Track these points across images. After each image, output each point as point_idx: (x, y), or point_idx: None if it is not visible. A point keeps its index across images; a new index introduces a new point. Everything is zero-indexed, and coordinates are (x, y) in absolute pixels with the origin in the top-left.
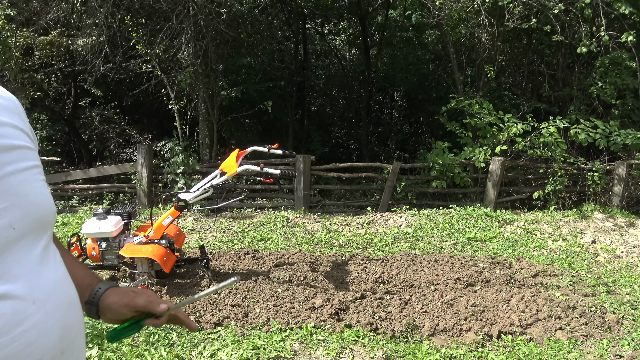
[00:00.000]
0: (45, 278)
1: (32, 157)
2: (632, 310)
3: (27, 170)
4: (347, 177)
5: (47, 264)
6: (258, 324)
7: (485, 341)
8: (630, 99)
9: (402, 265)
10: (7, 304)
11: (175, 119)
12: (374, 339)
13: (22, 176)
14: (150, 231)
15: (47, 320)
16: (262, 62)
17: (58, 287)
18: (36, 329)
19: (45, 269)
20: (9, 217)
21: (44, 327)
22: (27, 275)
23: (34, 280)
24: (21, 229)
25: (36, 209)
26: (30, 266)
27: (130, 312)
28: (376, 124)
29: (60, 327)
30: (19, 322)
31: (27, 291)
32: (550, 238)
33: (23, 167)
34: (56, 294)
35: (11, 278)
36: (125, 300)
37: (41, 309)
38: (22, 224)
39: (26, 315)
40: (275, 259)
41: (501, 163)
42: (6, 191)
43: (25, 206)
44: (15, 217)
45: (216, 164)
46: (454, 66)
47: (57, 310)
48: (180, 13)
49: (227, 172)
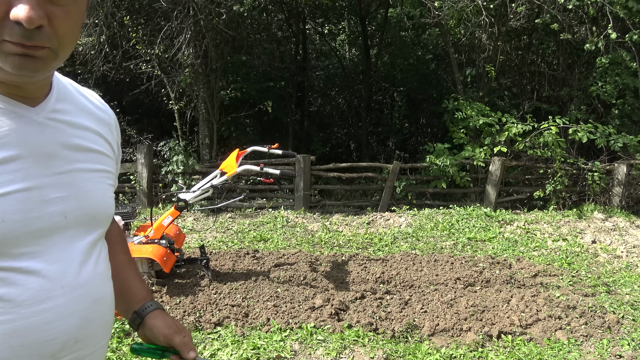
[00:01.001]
0: (82, 270)
1: (106, 162)
2: (632, 310)
3: (96, 172)
4: (347, 177)
5: (88, 258)
6: (258, 324)
7: (485, 341)
8: (630, 98)
9: (402, 265)
10: (37, 280)
11: (175, 118)
12: (374, 339)
13: (89, 175)
14: (150, 231)
15: (69, 306)
16: (262, 62)
17: (91, 281)
18: (56, 311)
19: (85, 262)
20: (64, 206)
21: (64, 312)
22: (65, 262)
23: (69, 268)
24: (71, 219)
25: (91, 205)
26: (70, 255)
27: (165, 342)
28: (376, 124)
29: (80, 317)
30: (43, 299)
31: (59, 275)
32: (550, 238)
33: (93, 168)
34: (87, 287)
35: (48, 259)
36: (165, 332)
37: (66, 295)
38: (74, 215)
39: (50, 295)
40: (275, 259)
41: (501, 163)
42: (69, 183)
43: (81, 200)
44: (69, 207)
45: (216, 164)
46: (454, 66)
47: (82, 301)
48: (180, 13)
49: (227, 172)
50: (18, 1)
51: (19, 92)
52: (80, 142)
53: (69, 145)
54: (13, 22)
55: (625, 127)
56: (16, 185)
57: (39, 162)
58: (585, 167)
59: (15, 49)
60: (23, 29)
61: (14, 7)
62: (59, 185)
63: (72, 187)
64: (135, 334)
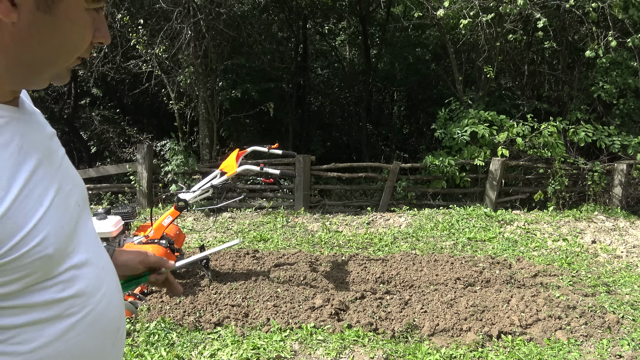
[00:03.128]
0: (100, 249)
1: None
2: (632, 310)
3: (65, 155)
4: (347, 177)
5: (97, 238)
6: (258, 324)
7: (485, 341)
8: (631, 98)
9: (402, 265)
10: (90, 269)
11: (175, 119)
12: (374, 339)
13: (67, 160)
14: (150, 231)
15: (112, 283)
16: (262, 62)
17: (108, 257)
18: (110, 290)
19: (98, 241)
20: (76, 196)
21: (113, 289)
22: (92, 246)
23: (97, 249)
24: (82, 206)
25: (83, 187)
26: (91, 239)
27: (144, 267)
28: (376, 124)
29: (118, 290)
30: (101, 284)
31: (97, 259)
32: (550, 238)
33: (64, 151)
34: (110, 263)
35: (86, 248)
36: (140, 258)
37: (108, 274)
38: (82, 201)
39: (103, 278)
40: (275, 259)
41: (501, 163)
42: (67, 173)
43: (78, 185)
44: (78, 196)
45: (216, 164)
46: (454, 66)
47: (113, 276)
48: (180, 13)
49: (227, 172)
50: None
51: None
52: (48, 129)
53: (47, 135)
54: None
55: (626, 126)
56: (52, 191)
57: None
58: (585, 167)
59: (79, 62)
60: (92, 45)
61: (97, 31)
62: (64, 177)
63: (70, 175)
64: (136, 334)
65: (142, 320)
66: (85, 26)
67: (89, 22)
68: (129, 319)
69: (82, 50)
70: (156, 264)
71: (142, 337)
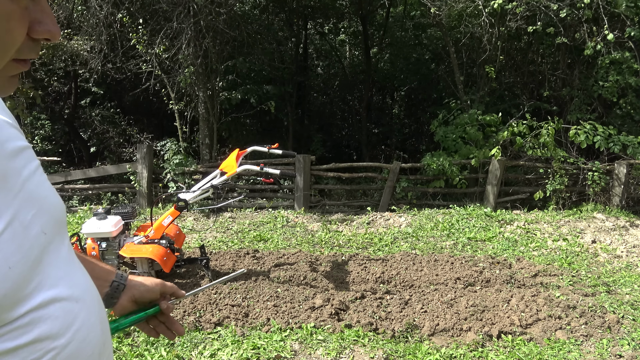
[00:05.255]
0: (77, 276)
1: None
2: (632, 310)
3: (36, 171)
4: (347, 177)
5: (74, 263)
6: (258, 324)
7: (485, 341)
8: (632, 97)
9: (402, 265)
10: (58, 306)
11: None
12: (374, 339)
13: (36, 178)
14: (150, 231)
15: (90, 316)
16: (262, 63)
17: (88, 282)
18: (85, 325)
19: (73, 267)
20: (40, 223)
21: (90, 323)
22: (64, 277)
23: (70, 280)
24: (50, 233)
25: (54, 209)
26: (63, 267)
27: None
28: (376, 124)
29: (100, 321)
30: (72, 321)
31: (69, 292)
32: (550, 238)
33: (33, 168)
34: (90, 291)
35: (53, 282)
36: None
37: (84, 307)
38: (50, 228)
39: (75, 314)
40: (275, 259)
41: (501, 163)
42: (30, 197)
43: (47, 209)
44: (44, 222)
45: (216, 164)
46: (455, 66)
47: (94, 306)
48: (180, 13)
49: (227, 172)
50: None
51: None
52: (10, 146)
53: (7, 154)
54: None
55: (626, 126)
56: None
57: (2, 186)
58: (585, 166)
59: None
60: (38, 44)
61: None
62: (25, 203)
63: (33, 199)
64: (136, 334)
65: None
66: (9, 17)
67: (16, 12)
68: None
69: (11, 49)
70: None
71: (142, 337)
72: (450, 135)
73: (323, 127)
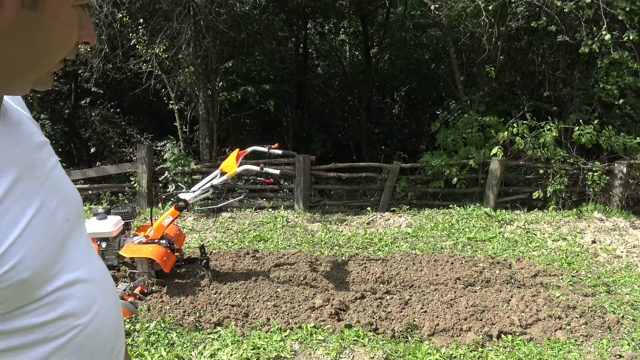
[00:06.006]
0: (95, 263)
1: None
2: (632, 310)
3: (57, 165)
4: (347, 177)
5: (92, 250)
6: (258, 324)
7: (485, 341)
8: (632, 98)
9: (402, 265)
10: (80, 287)
11: (175, 119)
12: (374, 339)
13: (57, 171)
14: (150, 231)
15: (107, 299)
16: (262, 63)
17: (104, 269)
18: (103, 307)
19: (92, 254)
20: (64, 211)
21: (107, 306)
22: (84, 262)
23: (89, 265)
24: (72, 221)
25: (75, 200)
26: (83, 254)
27: None
28: (376, 124)
29: (116, 306)
30: (92, 302)
31: (89, 275)
32: (550, 238)
33: (55, 161)
34: (106, 276)
35: (75, 266)
36: None
37: (102, 290)
38: (72, 216)
39: (95, 296)
40: (275, 259)
41: (501, 163)
42: (54, 187)
43: (69, 199)
44: (67, 211)
45: (216, 164)
46: (455, 66)
47: (110, 290)
48: (180, 13)
49: (227, 172)
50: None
51: None
52: (36, 139)
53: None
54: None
55: (626, 126)
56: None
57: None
58: (585, 167)
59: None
60: (77, 46)
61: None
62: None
63: (58, 189)
64: (136, 334)
65: (142, 320)
66: (72, 24)
67: (76, 19)
68: (129, 319)
69: (67, 50)
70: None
71: (142, 337)
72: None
73: (323, 127)
